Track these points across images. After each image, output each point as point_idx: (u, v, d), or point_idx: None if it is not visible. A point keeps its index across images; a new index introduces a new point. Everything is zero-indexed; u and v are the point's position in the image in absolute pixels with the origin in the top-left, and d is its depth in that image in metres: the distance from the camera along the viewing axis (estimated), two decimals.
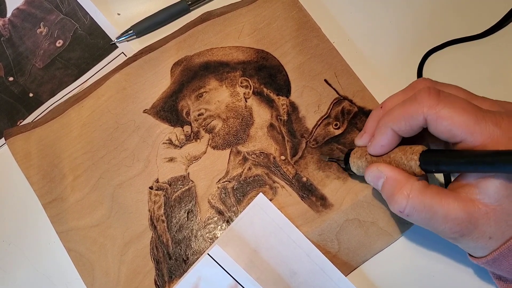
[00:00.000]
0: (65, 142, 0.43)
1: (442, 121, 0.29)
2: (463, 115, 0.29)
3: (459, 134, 0.29)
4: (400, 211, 0.31)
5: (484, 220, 0.29)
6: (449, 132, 0.30)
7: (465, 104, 0.29)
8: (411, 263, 0.38)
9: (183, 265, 0.39)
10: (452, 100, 0.30)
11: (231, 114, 0.43)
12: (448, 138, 0.30)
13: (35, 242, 0.42)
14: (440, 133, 0.30)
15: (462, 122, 0.29)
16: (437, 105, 0.30)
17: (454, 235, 0.31)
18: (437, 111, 0.30)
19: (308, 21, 0.45)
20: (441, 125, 0.30)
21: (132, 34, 0.47)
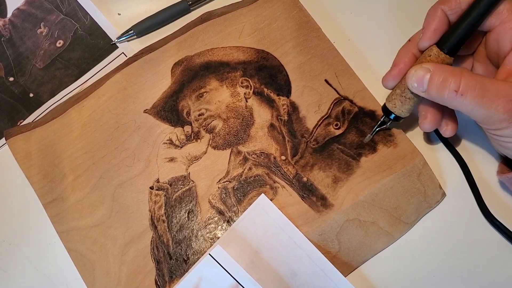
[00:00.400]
0: (66, 142, 0.43)
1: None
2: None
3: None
4: (455, 90, 0.31)
5: None
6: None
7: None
8: (411, 263, 0.38)
9: (184, 265, 0.39)
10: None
11: (231, 114, 0.43)
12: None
13: (35, 242, 0.42)
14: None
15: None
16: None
17: (507, 115, 0.30)
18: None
19: (309, 21, 0.45)
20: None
21: (132, 34, 0.47)
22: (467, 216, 0.39)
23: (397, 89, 0.37)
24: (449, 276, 0.38)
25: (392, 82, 0.37)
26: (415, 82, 0.33)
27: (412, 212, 0.39)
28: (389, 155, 0.40)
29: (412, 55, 0.37)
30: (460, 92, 0.31)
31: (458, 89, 0.31)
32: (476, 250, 0.38)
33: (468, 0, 0.33)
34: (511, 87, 0.30)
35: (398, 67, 0.37)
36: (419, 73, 0.33)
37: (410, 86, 0.34)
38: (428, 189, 0.39)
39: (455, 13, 0.34)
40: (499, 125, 0.32)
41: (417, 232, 0.39)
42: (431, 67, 0.32)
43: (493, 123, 0.32)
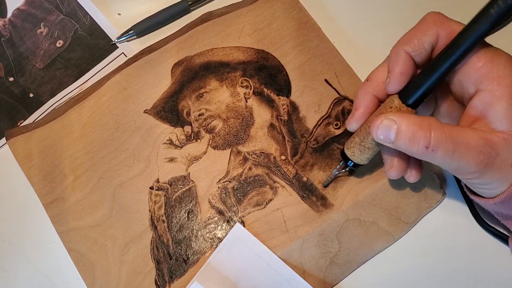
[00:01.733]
0: (66, 143, 0.43)
1: (454, 34, 0.30)
2: None
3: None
4: (426, 146, 0.29)
5: (503, 146, 0.29)
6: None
7: None
8: (411, 263, 0.38)
9: (184, 265, 0.39)
10: (458, 22, 0.31)
11: (231, 114, 0.43)
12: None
13: (35, 242, 0.42)
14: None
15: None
16: (448, 21, 0.31)
17: (478, 167, 0.29)
18: (449, 25, 0.31)
19: (309, 21, 0.45)
20: (453, 37, 0.30)
21: (132, 34, 0.47)
22: (468, 216, 0.39)
23: (356, 137, 0.35)
24: (449, 276, 0.38)
25: (355, 125, 0.35)
26: (381, 134, 0.31)
27: (412, 212, 0.39)
28: None
29: (372, 97, 0.35)
30: (431, 148, 0.29)
31: (428, 145, 0.29)
32: (476, 251, 0.38)
33: (430, 40, 0.32)
34: (481, 138, 0.29)
35: (359, 111, 0.35)
36: (385, 124, 0.31)
37: (375, 137, 0.32)
38: (429, 189, 0.39)
39: (419, 54, 0.32)
40: (471, 175, 0.31)
41: (417, 232, 0.39)
42: (397, 120, 0.30)
43: (465, 174, 0.31)
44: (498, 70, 0.29)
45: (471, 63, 0.30)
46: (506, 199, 0.31)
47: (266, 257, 0.38)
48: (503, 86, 0.29)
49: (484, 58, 0.30)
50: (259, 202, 0.40)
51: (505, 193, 0.31)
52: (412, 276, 0.38)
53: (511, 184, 0.31)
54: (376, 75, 0.35)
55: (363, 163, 0.36)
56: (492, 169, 0.30)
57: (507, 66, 0.30)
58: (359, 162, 0.36)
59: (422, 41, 0.32)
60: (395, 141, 0.31)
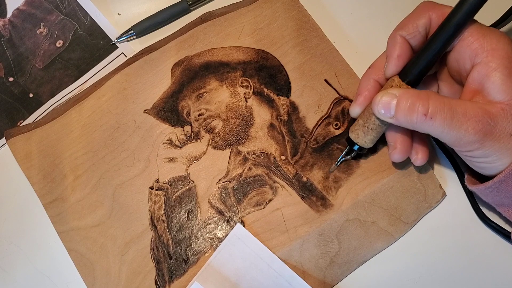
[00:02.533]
0: (66, 143, 0.43)
1: (445, 16, 0.31)
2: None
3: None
4: (424, 114, 0.30)
5: (502, 116, 0.30)
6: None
7: None
8: (411, 263, 0.38)
9: (184, 265, 0.39)
10: (449, 6, 0.32)
11: (231, 114, 0.43)
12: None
13: (35, 242, 0.42)
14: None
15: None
16: (440, 5, 0.33)
17: (477, 136, 0.30)
18: (440, 9, 0.32)
19: (309, 21, 0.45)
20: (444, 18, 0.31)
21: (132, 34, 0.47)
22: (468, 216, 0.39)
23: (360, 119, 0.36)
24: (449, 276, 0.38)
25: (358, 110, 0.37)
26: (381, 108, 0.32)
27: (412, 212, 0.39)
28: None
29: (375, 82, 0.36)
30: (429, 115, 0.30)
31: (427, 112, 0.30)
32: (477, 250, 0.38)
33: (423, 23, 0.33)
34: (479, 108, 0.30)
35: (362, 95, 0.36)
36: (385, 99, 0.32)
37: (377, 113, 0.33)
38: (428, 189, 0.39)
39: (414, 37, 0.34)
40: (470, 146, 0.31)
41: (417, 232, 0.39)
42: (396, 93, 0.31)
43: (464, 145, 0.31)
44: (492, 43, 0.30)
45: (464, 40, 0.31)
46: (505, 178, 0.32)
47: (266, 258, 0.38)
48: (497, 58, 0.30)
49: (476, 33, 0.31)
50: (259, 202, 0.40)
51: (504, 172, 0.31)
52: (412, 275, 0.38)
53: (510, 163, 0.31)
54: (378, 62, 0.37)
55: (367, 146, 0.37)
56: (492, 139, 0.30)
57: (500, 40, 0.31)
58: (363, 145, 0.36)
59: (416, 24, 0.33)
60: (395, 113, 0.32)
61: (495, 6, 0.44)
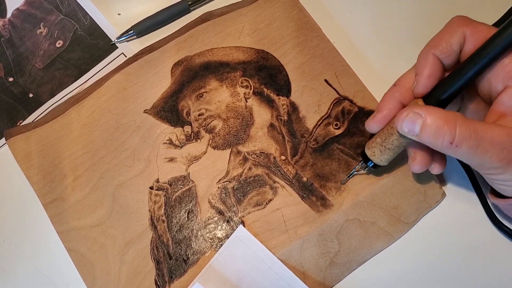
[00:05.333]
0: (66, 142, 0.43)
1: (480, 33, 0.30)
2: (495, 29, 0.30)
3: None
4: (450, 142, 0.29)
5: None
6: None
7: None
8: (411, 263, 0.38)
9: (184, 265, 0.39)
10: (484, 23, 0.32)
11: (231, 114, 0.43)
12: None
13: (35, 242, 0.42)
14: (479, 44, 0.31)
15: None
16: (474, 22, 0.31)
17: (501, 163, 0.30)
18: (474, 26, 0.31)
19: (308, 21, 0.45)
20: (480, 36, 0.30)
21: (132, 34, 0.47)
22: (467, 216, 0.39)
23: (378, 137, 0.35)
24: (449, 276, 0.38)
25: (376, 127, 0.35)
26: (406, 127, 0.31)
27: (412, 212, 0.39)
28: None
29: (397, 102, 0.34)
30: (455, 144, 0.30)
31: (453, 140, 0.29)
32: (476, 250, 0.38)
33: (457, 41, 0.32)
34: (506, 134, 0.29)
35: (382, 113, 0.34)
36: (411, 117, 0.31)
37: (400, 130, 0.32)
38: (428, 189, 0.39)
39: (447, 56, 0.32)
40: (493, 171, 0.31)
41: (417, 232, 0.39)
42: (423, 113, 0.30)
43: (487, 169, 0.31)
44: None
45: (500, 61, 0.30)
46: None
47: (267, 260, 0.38)
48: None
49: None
50: (259, 202, 0.40)
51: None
52: (412, 275, 0.38)
53: None
54: (404, 80, 0.35)
55: (382, 164, 0.36)
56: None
57: None
58: (379, 163, 0.36)
59: (450, 42, 0.32)
60: (420, 134, 0.31)
61: (495, 6, 0.44)
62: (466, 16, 0.32)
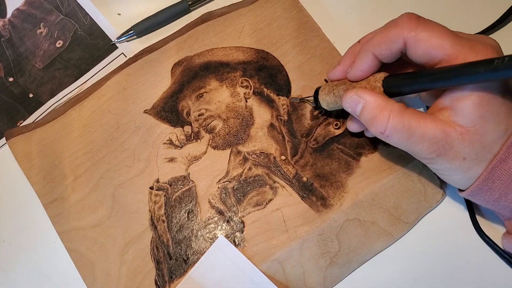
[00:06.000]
0: (66, 143, 0.43)
1: (421, 44, 0.31)
2: (440, 38, 0.31)
3: (436, 56, 0.31)
4: (381, 132, 0.32)
5: (459, 140, 0.31)
6: (426, 54, 0.31)
7: (442, 29, 0.31)
8: (411, 263, 0.38)
9: (184, 265, 0.39)
10: (431, 24, 0.32)
11: (231, 114, 0.43)
12: (426, 62, 0.32)
13: (35, 242, 0.42)
14: (418, 57, 0.32)
15: (439, 44, 0.30)
16: (417, 28, 0.31)
17: (431, 155, 0.32)
18: (416, 33, 0.31)
19: (308, 21, 0.45)
20: (420, 47, 0.31)
21: (132, 34, 0.47)
22: (468, 216, 0.39)
23: (333, 86, 0.37)
24: (449, 276, 0.38)
25: (334, 78, 0.38)
26: (349, 107, 0.34)
27: (412, 211, 0.39)
28: (389, 155, 0.40)
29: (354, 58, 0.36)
30: (386, 134, 0.32)
31: (384, 131, 0.32)
32: (476, 250, 0.38)
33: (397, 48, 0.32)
34: (439, 129, 0.30)
35: (343, 67, 0.37)
36: (354, 99, 0.33)
37: (345, 107, 0.35)
38: (429, 189, 0.39)
39: (385, 57, 0.33)
40: (425, 161, 0.33)
41: (417, 232, 0.39)
42: (364, 97, 0.33)
43: (420, 158, 0.34)
44: None
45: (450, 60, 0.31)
46: (473, 193, 0.33)
47: (248, 270, 0.38)
48: (475, 86, 0.30)
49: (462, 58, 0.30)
50: (259, 202, 0.40)
51: (469, 189, 0.33)
52: (412, 276, 0.38)
53: (476, 179, 0.32)
54: (367, 38, 0.36)
55: (321, 106, 0.39)
56: (444, 159, 0.32)
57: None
58: (321, 104, 0.39)
59: (389, 47, 0.33)
60: (359, 116, 0.33)
61: (495, 6, 0.44)
62: (415, 15, 0.32)
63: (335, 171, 0.40)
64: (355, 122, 0.38)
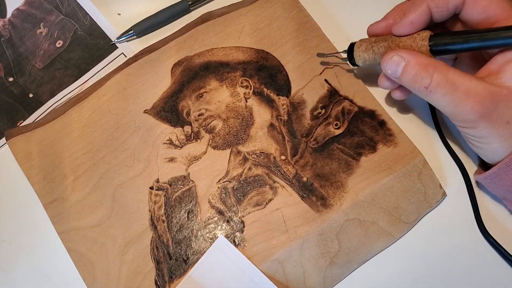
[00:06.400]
0: (66, 143, 0.43)
1: (481, 1, 0.31)
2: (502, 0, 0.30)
3: (494, 15, 0.30)
4: (425, 86, 0.31)
5: (504, 102, 0.30)
6: (485, 12, 0.31)
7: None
8: (411, 263, 0.38)
9: (184, 265, 0.39)
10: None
11: (231, 114, 0.43)
12: (482, 20, 0.31)
13: (35, 242, 0.42)
14: (476, 13, 0.31)
15: (500, 5, 0.30)
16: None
17: (474, 115, 0.31)
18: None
19: (308, 21, 0.45)
20: (480, 4, 0.31)
21: (132, 34, 0.47)
22: (468, 216, 0.39)
23: (371, 45, 0.36)
24: (449, 276, 0.38)
25: (375, 31, 0.37)
26: (389, 69, 0.33)
27: (412, 211, 0.39)
28: (389, 155, 0.40)
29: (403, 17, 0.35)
30: (429, 88, 0.31)
31: (428, 85, 0.31)
32: (477, 250, 0.38)
33: (455, 3, 0.32)
34: (485, 88, 0.30)
35: (386, 22, 0.36)
36: (395, 59, 0.33)
37: (384, 71, 0.34)
38: (429, 189, 0.39)
39: (440, 12, 0.33)
40: (467, 124, 0.32)
41: (417, 232, 0.39)
42: (406, 57, 0.32)
43: (461, 121, 0.32)
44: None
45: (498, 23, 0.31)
46: (499, 171, 0.33)
47: (248, 271, 0.38)
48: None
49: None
50: (259, 202, 0.40)
51: (497, 166, 0.32)
52: (412, 276, 0.38)
53: (509, 154, 0.32)
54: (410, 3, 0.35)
55: (357, 62, 0.38)
56: (487, 121, 0.31)
57: None
58: (356, 60, 0.38)
59: (447, 1, 0.32)
60: (400, 77, 0.33)
61: None
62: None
63: (335, 171, 0.40)
64: (387, 79, 0.37)
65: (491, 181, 0.34)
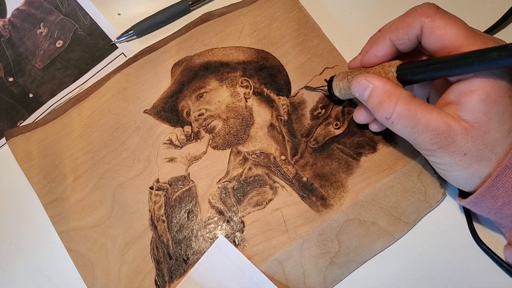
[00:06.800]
0: (66, 143, 0.43)
1: (436, 30, 0.31)
2: (456, 28, 0.31)
3: (449, 44, 0.31)
4: (386, 117, 0.32)
5: (462, 135, 0.31)
6: (440, 41, 0.31)
7: (459, 21, 0.32)
8: (411, 263, 0.38)
9: (184, 265, 0.39)
10: (449, 15, 0.32)
11: (231, 114, 0.43)
12: (439, 49, 0.32)
13: (35, 242, 0.42)
14: (432, 43, 0.32)
15: (454, 34, 0.31)
16: (435, 15, 0.32)
17: (433, 146, 0.32)
18: (433, 20, 0.32)
19: (308, 21, 0.45)
20: (434, 33, 0.31)
21: (132, 34, 0.47)
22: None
23: (346, 74, 0.37)
24: (449, 276, 0.38)
25: (353, 66, 0.38)
26: (357, 92, 0.34)
27: (412, 211, 0.39)
28: (389, 155, 0.40)
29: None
30: (391, 120, 0.32)
31: (389, 117, 0.32)
32: (477, 250, 0.38)
33: (414, 33, 0.33)
34: (443, 121, 0.31)
35: (361, 56, 0.37)
36: (362, 84, 0.33)
37: (353, 91, 0.35)
38: (429, 189, 0.39)
39: (402, 43, 0.34)
40: (427, 152, 0.33)
41: (417, 232, 0.39)
42: (374, 82, 0.33)
43: (422, 149, 0.34)
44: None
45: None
46: (476, 200, 0.33)
47: (248, 271, 0.38)
48: (481, 81, 0.30)
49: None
50: (259, 202, 0.40)
51: (473, 195, 0.33)
52: (412, 276, 0.38)
53: (482, 183, 0.32)
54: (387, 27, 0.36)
55: (335, 94, 0.39)
56: (445, 152, 0.32)
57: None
58: (334, 92, 0.39)
59: (407, 33, 0.33)
60: (366, 101, 0.34)
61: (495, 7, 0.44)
62: (434, 5, 0.33)
63: (335, 171, 0.40)
64: (362, 113, 0.38)
65: (472, 207, 0.35)
